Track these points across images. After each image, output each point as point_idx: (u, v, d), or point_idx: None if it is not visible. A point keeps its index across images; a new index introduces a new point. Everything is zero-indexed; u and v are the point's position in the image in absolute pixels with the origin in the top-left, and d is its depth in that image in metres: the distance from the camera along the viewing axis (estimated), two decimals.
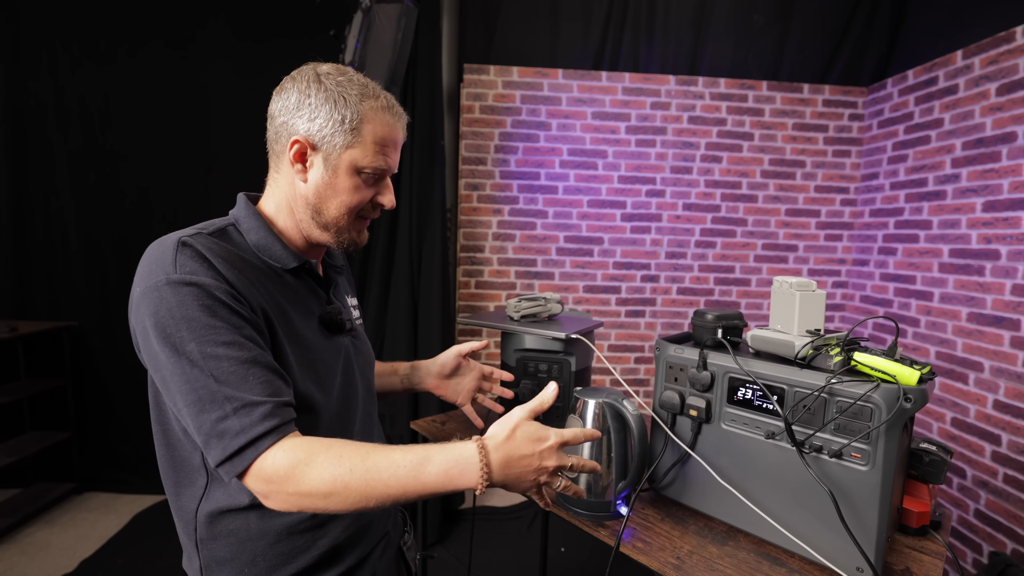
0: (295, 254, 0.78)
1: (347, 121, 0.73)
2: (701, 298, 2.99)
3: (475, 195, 2.87)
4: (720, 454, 0.95)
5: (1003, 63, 2.15)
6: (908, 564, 0.88)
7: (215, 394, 0.62)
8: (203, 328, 0.63)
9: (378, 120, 0.75)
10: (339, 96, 0.73)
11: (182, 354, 0.63)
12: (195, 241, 0.68)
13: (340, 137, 0.73)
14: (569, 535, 2.50)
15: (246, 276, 0.70)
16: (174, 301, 0.63)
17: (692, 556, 0.89)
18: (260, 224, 0.77)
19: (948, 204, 2.38)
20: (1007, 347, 2.10)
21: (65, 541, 2.36)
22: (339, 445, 0.65)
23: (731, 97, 2.89)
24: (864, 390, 0.78)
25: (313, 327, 0.79)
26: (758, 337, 0.94)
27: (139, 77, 2.65)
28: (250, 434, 0.62)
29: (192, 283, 0.64)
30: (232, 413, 0.62)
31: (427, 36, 2.50)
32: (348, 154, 0.74)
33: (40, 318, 2.73)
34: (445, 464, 0.64)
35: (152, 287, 0.64)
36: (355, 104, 0.73)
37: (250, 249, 0.76)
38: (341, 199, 0.76)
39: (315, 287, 0.83)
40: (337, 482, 0.62)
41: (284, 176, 0.78)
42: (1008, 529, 2.07)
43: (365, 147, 0.74)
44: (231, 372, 0.63)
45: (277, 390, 0.66)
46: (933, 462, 0.98)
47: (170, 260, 0.65)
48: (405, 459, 0.64)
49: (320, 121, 0.73)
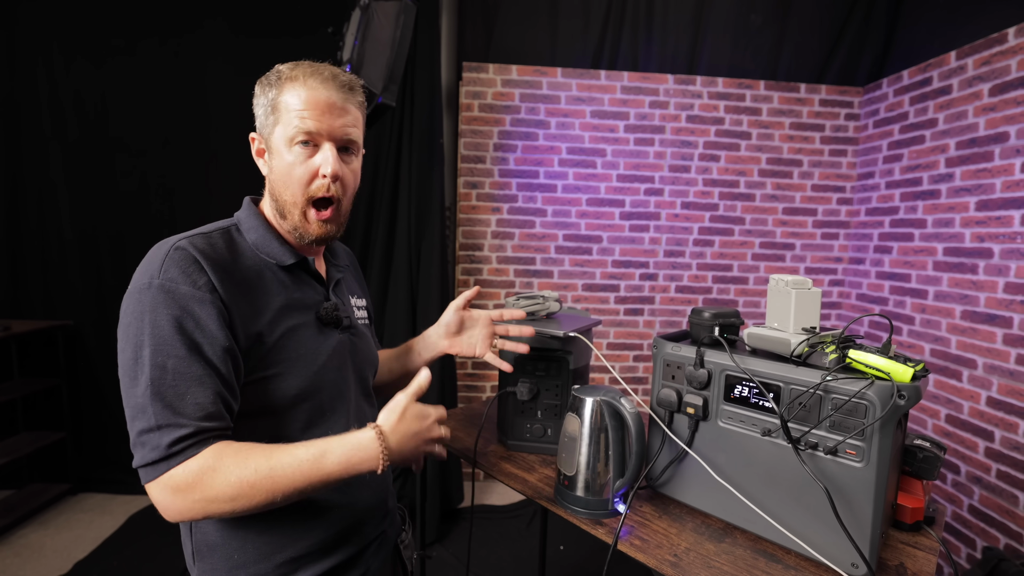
0: (292, 251, 0.81)
1: (270, 101, 0.77)
2: (699, 296, 3.00)
3: (474, 193, 2.88)
4: (717, 451, 0.96)
5: (996, 64, 2.16)
6: (902, 559, 0.89)
7: (147, 406, 0.65)
8: (163, 338, 0.66)
9: (294, 88, 0.75)
10: (266, 83, 0.77)
11: (138, 357, 0.66)
12: (191, 245, 0.70)
13: (270, 118, 0.77)
14: (568, 533, 2.50)
15: (239, 277, 0.73)
16: (148, 305, 0.66)
17: (689, 553, 0.89)
18: (259, 223, 0.80)
19: (942, 203, 2.40)
20: (1000, 344, 2.12)
21: (59, 542, 2.34)
22: (247, 448, 0.68)
23: (729, 96, 2.90)
24: (859, 387, 0.79)
25: (308, 322, 0.80)
26: (754, 335, 0.94)
27: (136, 73, 2.64)
28: (164, 452, 0.64)
29: (169, 290, 0.66)
30: (155, 428, 0.64)
31: (426, 34, 2.50)
32: (277, 131, 0.76)
33: (35, 317, 2.71)
34: (345, 452, 0.69)
35: (137, 288, 0.68)
36: (276, 84, 0.76)
37: (250, 248, 0.78)
38: (285, 179, 0.77)
39: (313, 283, 0.84)
40: (243, 484, 0.65)
41: (266, 177, 0.82)
42: (1001, 524, 2.09)
43: (287, 118, 0.75)
44: (171, 387, 0.65)
45: (211, 414, 0.67)
46: (927, 458, 0.99)
47: (158, 264, 0.68)
48: (307, 453, 0.68)
49: (259, 112, 0.78)
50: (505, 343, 1.10)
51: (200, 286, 0.68)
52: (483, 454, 1.28)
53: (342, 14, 2.06)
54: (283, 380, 0.75)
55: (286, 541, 0.77)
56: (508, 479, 1.15)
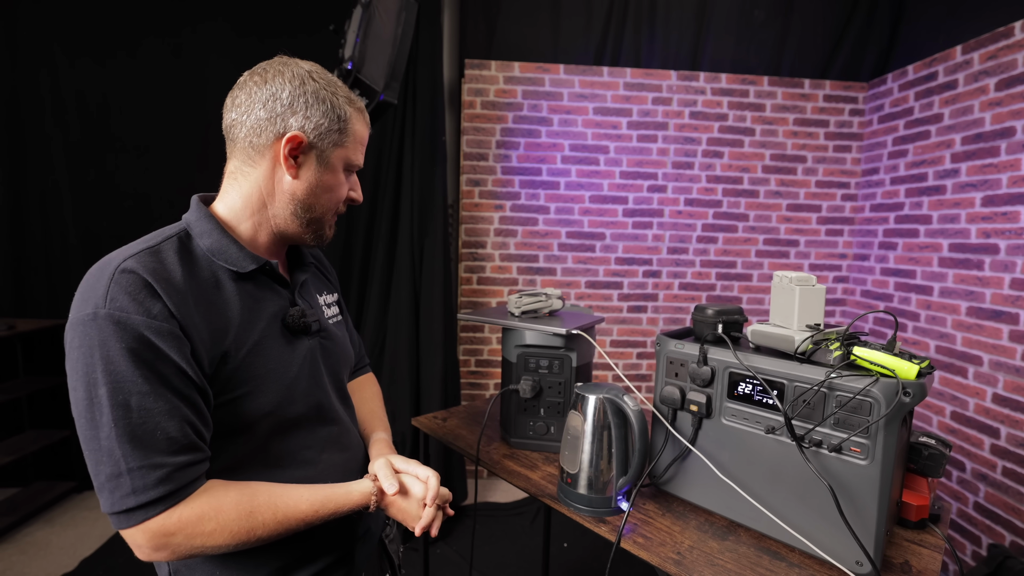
0: (252, 256, 0.75)
1: (341, 120, 0.77)
2: (703, 293, 3.00)
3: (477, 191, 2.87)
4: (721, 449, 0.96)
5: (1002, 58, 2.15)
6: (907, 557, 0.89)
7: (112, 450, 0.59)
8: (120, 374, 0.59)
9: (359, 121, 0.80)
10: (331, 95, 0.76)
11: (93, 397, 0.59)
12: (138, 265, 0.63)
13: (335, 135, 0.76)
14: (572, 531, 2.50)
15: (196, 294, 0.67)
16: (97, 340, 0.59)
17: (693, 551, 0.89)
18: (213, 227, 0.73)
19: (947, 199, 2.38)
20: (1006, 341, 2.11)
21: (65, 540, 2.34)
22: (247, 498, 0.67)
23: (732, 92, 2.88)
24: (863, 384, 0.78)
25: (274, 332, 0.75)
26: (758, 332, 0.94)
27: (138, 73, 2.65)
28: (141, 498, 0.60)
29: (119, 321, 0.59)
30: (126, 472, 0.59)
31: (428, 31, 2.49)
32: (339, 152, 0.78)
33: (39, 316, 2.72)
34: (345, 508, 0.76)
35: (79, 320, 0.61)
36: (344, 106, 0.77)
37: (204, 255, 0.72)
38: (332, 195, 0.80)
39: (277, 288, 0.79)
40: (250, 536, 0.67)
41: (259, 171, 0.75)
42: (1006, 521, 2.08)
43: (352, 145, 0.79)
44: (138, 426, 0.60)
45: (185, 446, 0.63)
46: (932, 456, 0.99)
47: (103, 291, 0.61)
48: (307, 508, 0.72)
49: (316, 118, 0.74)
50: None
51: (155, 315, 0.61)
52: (486, 452, 1.28)
53: (343, 12, 2.06)
54: (254, 399, 0.71)
55: (270, 553, 0.74)
56: (511, 477, 1.16)
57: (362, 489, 0.76)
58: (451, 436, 1.37)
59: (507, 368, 1.32)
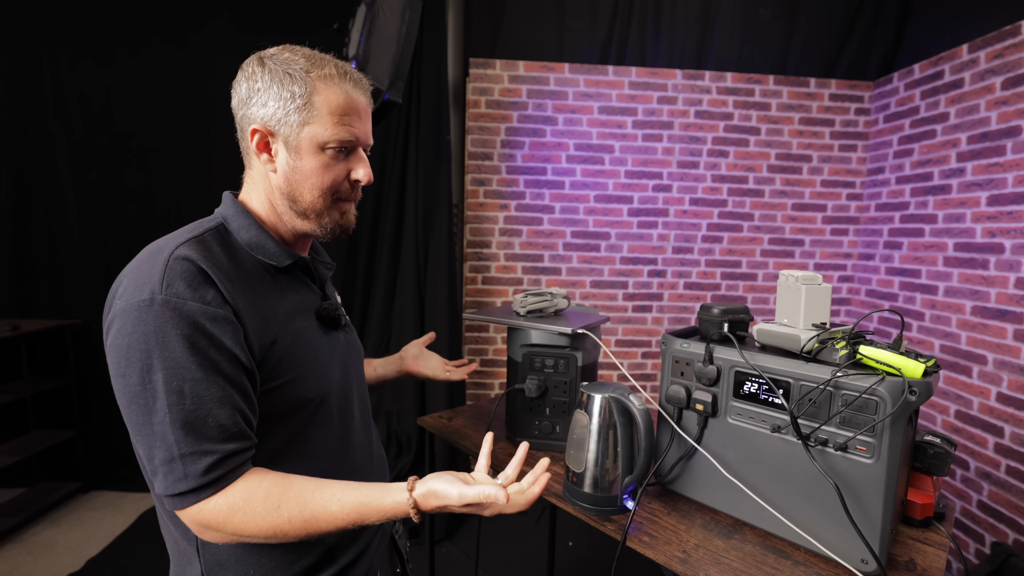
0: (288, 251, 0.76)
1: (297, 96, 0.69)
2: (708, 293, 3.00)
3: (481, 190, 2.88)
4: (726, 448, 0.96)
5: (1008, 57, 2.14)
6: (912, 555, 0.89)
7: (166, 435, 0.61)
8: (176, 361, 0.61)
9: (331, 89, 0.71)
10: (284, 73, 0.69)
11: (147, 382, 0.61)
12: (191, 252, 0.64)
13: (294, 115, 0.70)
14: (577, 529, 2.51)
15: (243, 283, 0.69)
16: (153, 326, 0.60)
17: (698, 550, 0.90)
18: (251, 222, 0.74)
19: (953, 198, 2.38)
20: (1010, 340, 2.11)
21: (71, 540, 2.34)
22: (279, 488, 0.66)
23: (738, 91, 2.88)
24: (869, 383, 0.79)
25: (312, 324, 0.78)
26: (764, 331, 0.95)
27: (141, 71, 2.66)
28: (192, 483, 0.62)
29: (176, 308, 0.61)
30: (178, 458, 0.61)
31: (432, 30, 2.50)
32: (307, 131, 0.70)
33: (43, 316, 2.73)
34: (382, 515, 0.69)
35: (134, 306, 0.61)
36: (301, 77, 0.69)
37: (243, 249, 0.73)
38: (312, 181, 0.73)
39: (309, 283, 0.81)
40: (276, 530, 0.66)
41: (257, 171, 0.76)
42: (1010, 520, 2.08)
43: (322, 120, 0.70)
44: (191, 412, 0.61)
45: (235, 434, 0.64)
46: (937, 454, 0.99)
47: (158, 277, 0.62)
48: (344, 511, 0.67)
49: (272, 104, 0.70)
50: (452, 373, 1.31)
51: (209, 301, 0.63)
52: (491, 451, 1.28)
53: (348, 10, 2.06)
54: (298, 386, 0.73)
55: (301, 551, 0.76)
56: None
57: (396, 500, 0.69)
58: (457, 435, 1.37)
59: (512, 367, 1.33)
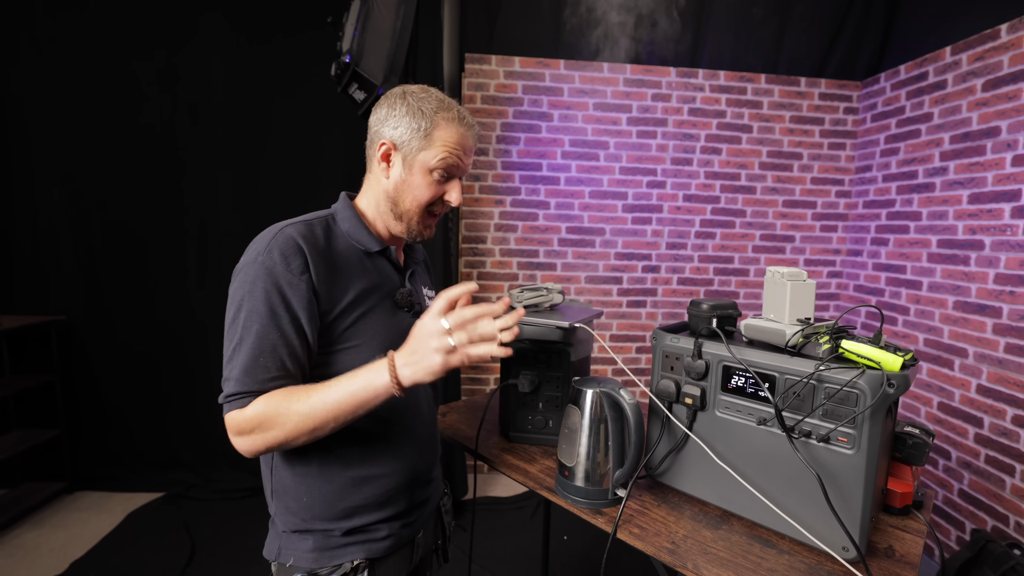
0: (378, 240, 0.95)
1: (422, 129, 0.89)
2: (701, 288, 3.04)
3: (477, 186, 2.90)
4: (714, 440, 0.98)
5: (988, 59, 2.19)
6: (891, 542, 0.92)
7: (232, 357, 0.81)
8: (255, 306, 0.81)
9: (448, 128, 0.91)
10: (417, 109, 0.90)
11: (236, 317, 0.82)
12: (294, 231, 0.84)
13: (416, 142, 0.90)
14: (571, 524, 2.49)
15: (331, 260, 0.87)
16: (250, 278, 0.81)
17: (687, 540, 0.91)
18: (352, 215, 0.95)
19: (936, 196, 2.43)
20: (990, 334, 2.17)
21: (55, 542, 2.26)
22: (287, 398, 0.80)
23: (730, 89, 2.92)
24: (850, 377, 0.81)
25: (386, 305, 0.93)
26: (751, 326, 0.96)
27: (128, 65, 2.60)
28: (231, 395, 0.80)
29: (268, 268, 0.81)
30: (232, 378, 0.80)
31: (428, 25, 2.48)
32: (422, 155, 0.90)
33: (26, 312, 2.64)
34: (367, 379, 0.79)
35: (246, 262, 0.83)
36: (430, 115, 0.89)
37: (344, 235, 0.93)
38: (415, 194, 0.92)
39: (392, 270, 0.97)
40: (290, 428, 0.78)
41: (374, 175, 0.95)
42: (989, 507, 2.15)
43: (435, 150, 0.90)
44: (251, 347, 0.80)
45: (274, 377, 0.81)
46: (916, 445, 1.02)
47: (263, 246, 0.82)
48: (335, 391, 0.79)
49: (402, 129, 0.90)
50: None
51: (292, 269, 0.81)
52: (485, 446, 1.28)
53: (342, 4, 2.05)
54: (360, 352, 0.88)
55: (346, 492, 0.90)
56: (510, 471, 1.16)
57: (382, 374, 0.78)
58: (451, 431, 1.37)
59: (506, 363, 1.32)
